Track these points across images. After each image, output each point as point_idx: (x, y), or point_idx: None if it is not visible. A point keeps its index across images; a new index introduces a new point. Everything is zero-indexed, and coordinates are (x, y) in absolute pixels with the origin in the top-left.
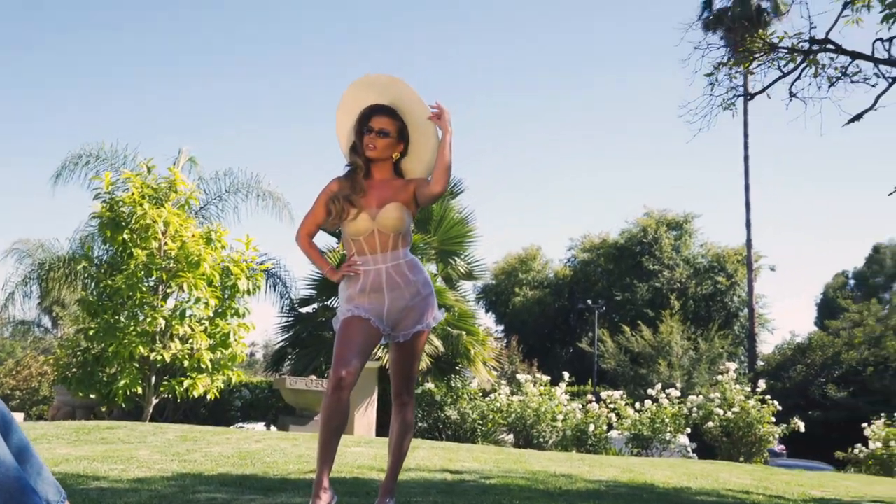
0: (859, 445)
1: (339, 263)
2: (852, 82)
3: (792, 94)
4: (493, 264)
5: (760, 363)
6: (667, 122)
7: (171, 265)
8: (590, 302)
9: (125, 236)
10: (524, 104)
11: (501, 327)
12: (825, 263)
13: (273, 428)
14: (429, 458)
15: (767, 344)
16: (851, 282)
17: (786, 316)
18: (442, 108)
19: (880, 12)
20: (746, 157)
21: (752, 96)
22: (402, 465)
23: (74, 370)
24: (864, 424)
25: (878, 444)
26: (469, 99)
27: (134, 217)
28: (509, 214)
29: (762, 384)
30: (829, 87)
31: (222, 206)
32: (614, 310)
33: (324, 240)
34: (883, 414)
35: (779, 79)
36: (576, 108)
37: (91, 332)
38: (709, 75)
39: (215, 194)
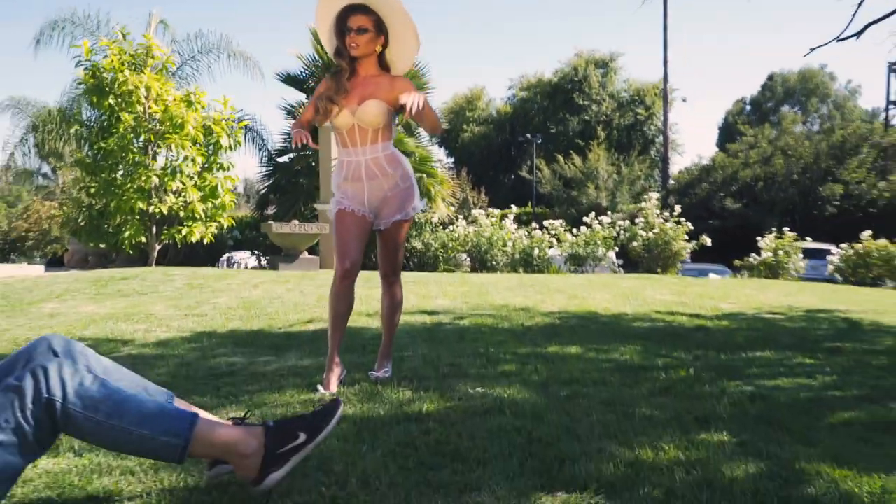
0: (752, 254)
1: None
2: None
3: None
4: (443, 104)
5: (672, 182)
6: None
7: (158, 127)
8: (528, 135)
9: (111, 101)
10: None
11: (452, 160)
12: (728, 92)
13: (263, 262)
14: (406, 299)
15: (678, 165)
16: (748, 107)
17: (693, 141)
18: (407, 103)
19: None
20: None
21: None
22: (394, 334)
23: (82, 223)
24: (758, 238)
25: (769, 254)
26: None
27: (116, 83)
28: (455, 59)
29: (678, 208)
30: None
31: (196, 66)
32: (550, 141)
33: (298, 96)
34: (774, 228)
35: None
36: None
37: (92, 190)
38: None
39: (189, 56)
